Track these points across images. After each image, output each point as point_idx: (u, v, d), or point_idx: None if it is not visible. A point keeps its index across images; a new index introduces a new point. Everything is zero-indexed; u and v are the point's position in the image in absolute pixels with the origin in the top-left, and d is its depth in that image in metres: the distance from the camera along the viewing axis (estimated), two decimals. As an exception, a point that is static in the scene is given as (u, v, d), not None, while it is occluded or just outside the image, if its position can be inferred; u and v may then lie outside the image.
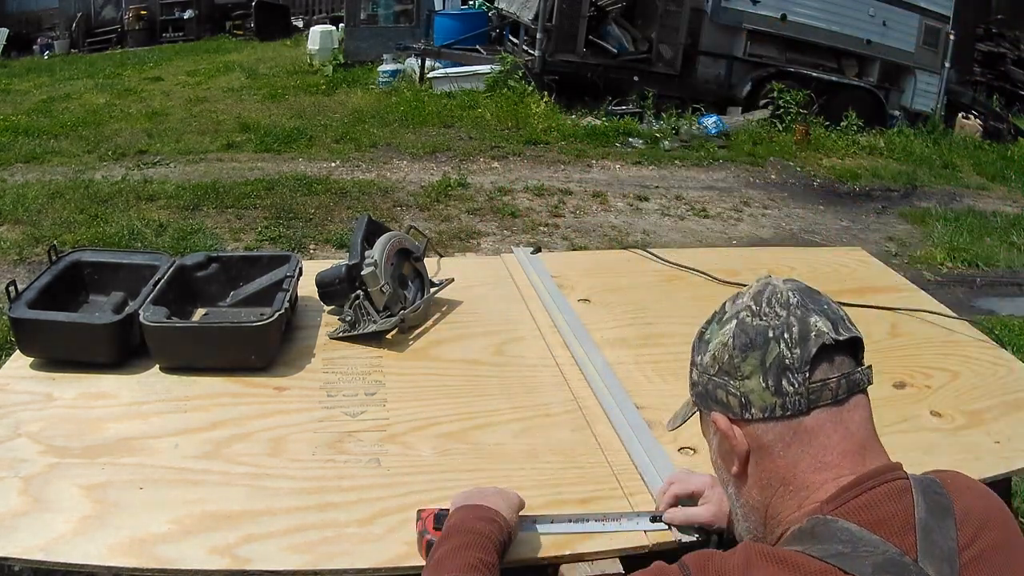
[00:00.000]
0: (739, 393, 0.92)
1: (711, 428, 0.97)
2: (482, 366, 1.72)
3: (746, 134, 7.74)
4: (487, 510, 1.11)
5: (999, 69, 10.88)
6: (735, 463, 0.94)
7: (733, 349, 0.92)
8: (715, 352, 0.95)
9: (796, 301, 0.92)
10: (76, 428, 1.41)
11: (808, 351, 0.89)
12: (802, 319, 0.91)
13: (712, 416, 0.95)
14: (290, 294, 1.74)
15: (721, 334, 0.95)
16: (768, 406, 0.90)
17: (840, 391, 0.89)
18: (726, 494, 1.02)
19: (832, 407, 0.89)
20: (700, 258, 2.29)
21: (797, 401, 0.89)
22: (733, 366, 0.92)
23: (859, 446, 0.90)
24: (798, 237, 5.59)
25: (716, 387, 0.95)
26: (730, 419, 0.94)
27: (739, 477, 0.96)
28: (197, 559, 1.14)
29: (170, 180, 5.77)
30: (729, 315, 0.96)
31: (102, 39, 12.99)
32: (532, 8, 8.18)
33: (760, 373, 0.90)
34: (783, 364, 0.89)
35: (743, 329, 0.92)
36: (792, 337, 0.90)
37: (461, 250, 4.85)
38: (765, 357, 0.90)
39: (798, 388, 0.89)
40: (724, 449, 0.96)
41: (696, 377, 0.99)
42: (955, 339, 1.97)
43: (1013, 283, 5.13)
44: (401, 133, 7.25)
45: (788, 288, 0.95)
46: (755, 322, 0.92)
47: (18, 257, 4.41)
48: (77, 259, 1.82)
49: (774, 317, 0.91)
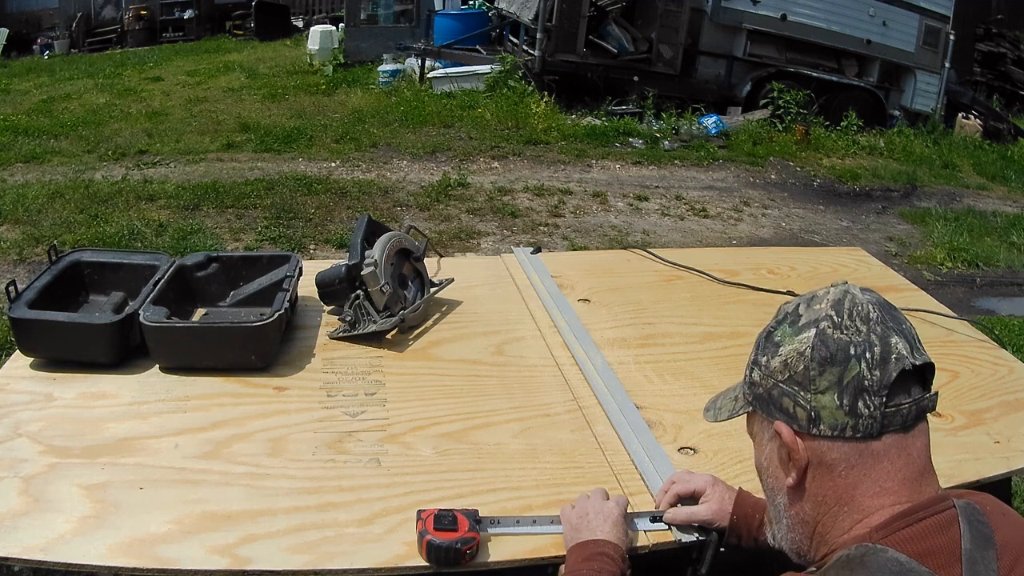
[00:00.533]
0: (809, 407, 0.89)
1: (767, 433, 0.95)
2: (482, 366, 1.72)
3: (746, 134, 7.74)
4: (594, 544, 1.12)
5: (999, 69, 10.89)
6: (792, 474, 0.92)
7: (811, 360, 0.89)
8: (788, 359, 0.91)
9: (876, 316, 0.90)
10: (76, 428, 1.41)
11: (888, 375, 0.86)
12: (883, 338, 0.88)
13: (776, 425, 0.92)
14: (290, 294, 1.74)
15: (797, 341, 0.91)
16: (839, 425, 0.88)
17: (910, 417, 0.88)
18: (771, 503, 0.99)
19: (900, 433, 0.88)
20: (700, 258, 2.29)
21: (870, 424, 0.87)
22: (808, 378, 0.89)
23: (918, 473, 0.89)
24: (798, 237, 5.59)
25: (783, 395, 0.91)
26: (794, 430, 0.91)
27: (794, 489, 0.93)
28: (197, 559, 1.14)
29: (170, 180, 5.77)
30: (806, 321, 0.91)
31: (102, 39, 12.98)
32: (532, 8, 8.18)
33: (836, 390, 0.87)
34: (862, 385, 0.87)
35: (823, 341, 0.89)
36: (874, 357, 0.87)
37: (461, 250, 4.85)
38: (844, 375, 0.87)
39: (873, 411, 0.87)
40: (782, 458, 0.93)
41: (758, 378, 0.95)
42: (955, 339, 1.97)
43: (1013, 283, 5.13)
44: (401, 133, 7.25)
45: (868, 300, 0.91)
46: (836, 335, 0.88)
47: (18, 257, 4.41)
48: (77, 259, 1.82)
49: (856, 332, 0.88)
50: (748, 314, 2.01)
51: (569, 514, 1.20)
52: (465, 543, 1.16)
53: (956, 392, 1.71)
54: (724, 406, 1.03)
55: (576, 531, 1.16)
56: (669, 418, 1.56)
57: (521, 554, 1.19)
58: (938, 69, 8.87)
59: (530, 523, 1.24)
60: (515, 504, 1.29)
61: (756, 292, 2.13)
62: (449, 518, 1.18)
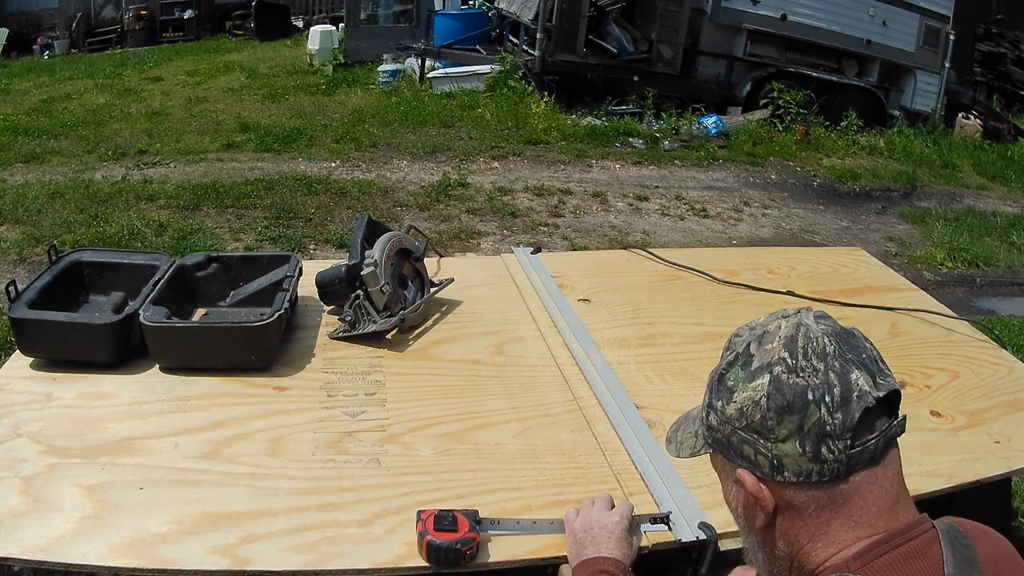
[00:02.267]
0: (771, 455, 0.86)
1: (731, 477, 0.92)
2: (482, 366, 1.72)
3: (746, 134, 7.74)
4: (598, 562, 1.12)
5: (999, 69, 10.89)
6: (760, 518, 0.90)
7: (767, 411, 0.85)
8: (743, 407, 0.87)
9: (833, 350, 0.85)
10: (76, 428, 1.41)
11: (851, 417, 0.83)
12: (842, 375, 0.84)
13: (737, 473, 0.90)
14: (290, 294, 1.74)
15: (752, 389, 0.87)
16: (804, 472, 0.85)
17: (878, 450, 0.85)
18: (744, 539, 0.96)
19: (869, 467, 0.85)
20: (700, 258, 2.29)
21: (836, 468, 0.84)
22: (766, 427, 0.85)
23: (892, 501, 0.87)
24: (798, 237, 5.59)
25: (742, 442, 0.88)
26: (758, 477, 0.88)
27: (764, 530, 0.91)
28: (197, 559, 1.14)
29: (170, 180, 5.77)
30: (759, 365, 0.87)
31: (102, 39, 12.98)
32: (532, 8, 8.17)
33: (797, 438, 0.84)
34: (823, 431, 0.83)
35: (778, 388, 0.85)
36: (834, 400, 0.83)
37: (461, 250, 4.84)
38: (803, 422, 0.84)
39: (838, 455, 0.84)
40: (748, 502, 0.91)
41: (715, 423, 0.91)
42: (955, 339, 1.97)
43: (1013, 283, 5.13)
44: (401, 133, 7.25)
45: (823, 332, 0.87)
46: (792, 380, 0.85)
47: (18, 257, 4.41)
48: (77, 259, 1.82)
49: (812, 374, 0.84)
50: (748, 314, 1.99)
51: (573, 524, 1.20)
52: (465, 543, 1.16)
53: (956, 392, 1.71)
54: (685, 441, 1.00)
55: (580, 546, 1.16)
56: (669, 418, 1.54)
57: (521, 554, 1.20)
58: (938, 69, 8.86)
59: (530, 524, 1.24)
60: (515, 504, 1.29)
61: (756, 292, 2.13)
62: (449, 519, 1.18)
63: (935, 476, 1.42)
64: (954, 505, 1.50)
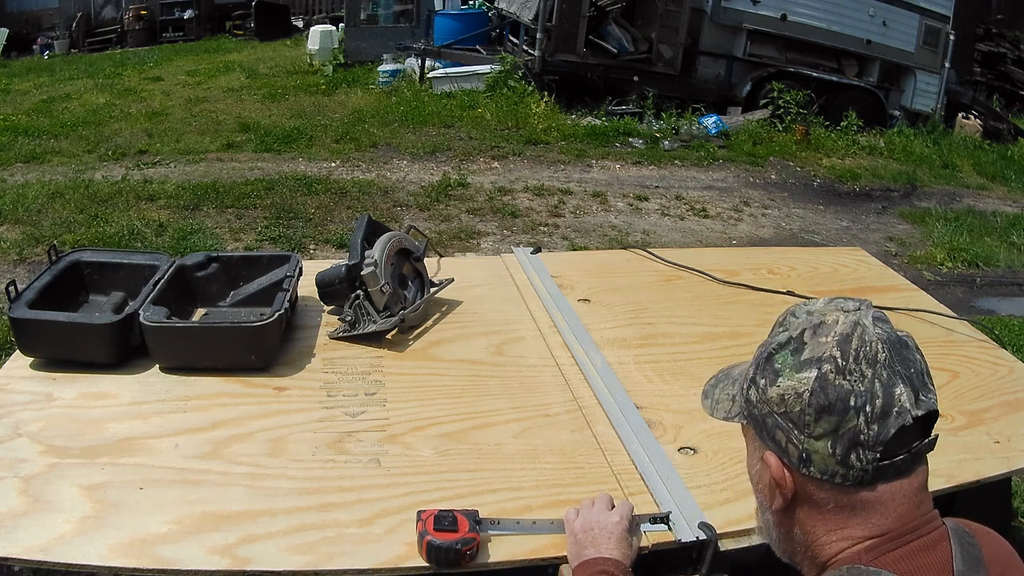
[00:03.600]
0: (801, 448, 0.87)
1: (758, 453, 0.93)
2: (482, 366, 1.72)
3: (746, 134, 7.74)
4: (597, 562, 1.12)
5: (999, 69, 10.89)
6: (778, 501, 0.91)
7: (808, 406, 0.85)
8: (785, 394, 0.87)
9: (884, 359, 0.85)
10: (76, 428, 1.41)
11: (887, 431, 0.84)
12: (887, 387, 0.84)
13: (765, 456, 0.91)
14: (290, 294, 1.74)
15: (797, 379, 0.87)
16: (830, 471, 0.86)
17: (904, 465, 0.86)
18: (760, 513, 0.97)
19: (894, 480, 0.86)
20: (700, 258, 2.29)
21: (861, 475, 0.85)
22: (803, 421, 0.86)
23: (914, 506, 0.88)
24: (798, 237, 5.59)
25: (776, 427, 0.89)
26: (784, 463, 0.89)
27: (781, 512, 0.92)
28: (197, 559, 1.14)
29: (170, 180, 5.77)
30: (809, 356, 0.87)
31: (102, 39, 12.98)
32: (532, 8, 8.17)
33: (831, 438, 0.85)
34: (857, 439, 0.84)
35: (823, 387, 0.85)
36: (873, 411, 0.84)
37: (461, 250, 4.85)
38: (841, 425, 0.84)
39: (865, 465, 0.84)
40: (769, 483, 0.91)
41: (755, 399, 0.91)
42: (955, 339, 1.97)
43: (1013, 283, 5.13)
44: (401, 133, 7.25)
45: (878, 337, 0.86)
46: (838, 381, 0.85)
47: (18, 257, 4.41)
48: (77, 259, 1.82)
49: (859, 379, 0.84)
50: (748, 314, 2.01)
51: (573, 524, 1.20)
52: (465, 544, 1.16)
53: (956, 392, 1.71)
54: (722, 402, 1.00)
55: (580, 547, 1.16)
56: (669, 418, 1.56)
57: (521, 555, 1.19)
58: (938, 69, 8.87)
59: (530, 524, 1.23)
60: (515, 504, 1.29)
61: (756, 292, 2.13)
62: (449, 519, 1.18)
63: (935, 476, 1.40)
64: (954, 505, 1.50)
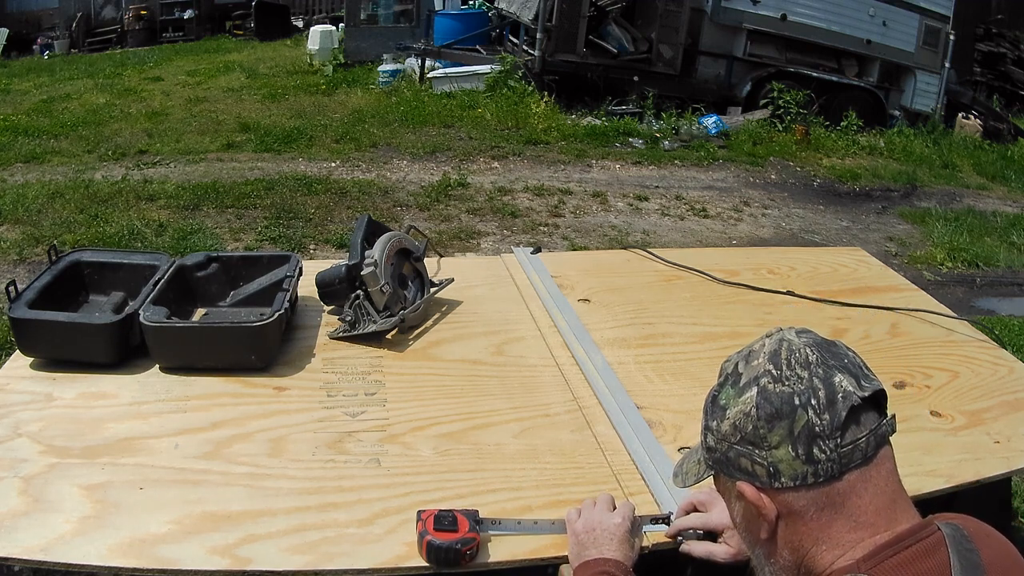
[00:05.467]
0: (766, 463, 0.89)
1: (732, 493, 0.95)
2: (482, 366, 1.72)
3: (746, 134, 7.74)
4: (598, 563, 1.13)
5: (999, 69, 10.89)
6: (764, 530, 0.92)
7: (758, 420, 0.89)
8: (736, 421, 0.91)
9: (816, 359, 0.90)
10: (76, 428, 1.41)
11: (838, 415, 0.86)
12: (826, 380, 0.88)
13: (738, 486, 0.92)
14: (290, 294, 1.74)
15: (741, 402, 0.91)
16: (799, 475, 0.88)
17: (869, 449, 0.88)
18: (752, 555, 0.98)
19: (862, 466, 0.88)
20: (700, 258, 2.29)
21: (829, 467, 0.87)
22: (759, 436, 0.89)
23: (890, 500, 0.89)
24: (798, 237, 5.59)
25: (739, 456, 0.91)
26: (757, 487, 0.91)
27: (769, 541, 0.93)
28: (197, 559, 1.14)
29: (170, 180, 5.77)
30: (747, 380, 0.92)
31: (102, 39, 12.98)
32: (532, 8, 8.18)
33: (789, 443, 0.87)
34: (813, 432, 0.87)
35: (766, 398, 0.89)
36: (820, 402, 0.87)
37: (461, 250, 4.85)
38: (793, 426, 0.87)
39: (830, 455, 0.87)
40: (751, 515, 0.94)
41: (713, 443, 0.95)
42: (955, 339, 1.97)
43: (1013, 283, 5.13)
44: (401, 133, 7.25)
45: (804, 344, 0.91)
46: (778, 388, 0.89)
47: (18, 257, 4.41)
48: (77, 259, 1.82)
49: (797, 381, 0.88)
50: (748, 314, 2.01)
51: (575, 525, 1.20)
52: (465, 544, 1.16)
53: (956, 392, 1.71)
54: (690, 471, 1.04)
55: (582, 547, 1.16)
56: (669, 418, 1.56)
57: (521, 554, 1.19)
58: (938, 69, 8.86)
59: (531, 524, 1.23)
60: (515, 504, 1.29)
61: (756, 292, 2.13)
62: (449, 519, 1.18)
63: (935, 476, 1.42)
64: (954, 505, 1.49)
